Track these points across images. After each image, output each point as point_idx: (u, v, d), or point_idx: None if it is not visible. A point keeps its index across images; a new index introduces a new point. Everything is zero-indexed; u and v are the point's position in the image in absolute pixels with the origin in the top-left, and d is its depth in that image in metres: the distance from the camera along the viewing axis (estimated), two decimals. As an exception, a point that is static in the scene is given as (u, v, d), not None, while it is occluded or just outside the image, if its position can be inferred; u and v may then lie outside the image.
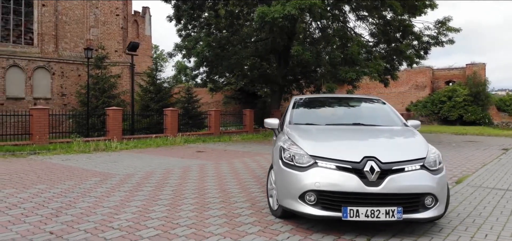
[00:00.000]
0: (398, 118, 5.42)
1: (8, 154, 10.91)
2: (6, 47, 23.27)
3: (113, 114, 14.80)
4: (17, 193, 6.25)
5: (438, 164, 4.29)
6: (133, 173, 8.38)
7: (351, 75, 16.32)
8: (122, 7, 27.56)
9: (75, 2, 26.18)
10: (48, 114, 13.37)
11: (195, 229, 4.44)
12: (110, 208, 5.36)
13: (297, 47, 16.00)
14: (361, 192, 3.96)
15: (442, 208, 4.22)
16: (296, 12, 14.35)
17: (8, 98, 23.25)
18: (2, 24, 23.23)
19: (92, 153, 11.94)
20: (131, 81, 19.06)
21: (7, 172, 8.33)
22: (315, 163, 4.18)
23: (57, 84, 25.58)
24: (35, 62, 24.45)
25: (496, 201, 5.92)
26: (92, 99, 23.08)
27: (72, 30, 26.23)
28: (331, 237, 4.18)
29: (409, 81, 38.36)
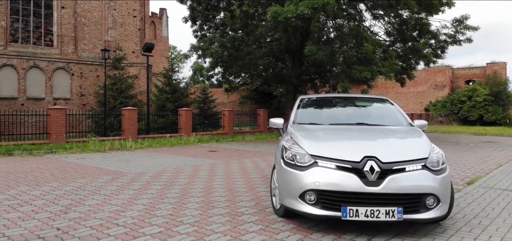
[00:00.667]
0: (404, 118, 5.37)
1: (26, 153, 11.23)
2: (26, 49, 23.91)
3: (129, 114, 15.04)
4: (30, 191, 6.44)
5: (441, 164, 4.24)
6: (144, 172, 8.52)
7: (366, 74, 16.18)
8: (139, 8, 27.97)
9: (94, 4, 26.69)
10: (65, 114, 13.69)
11: (197, 227, 4.51)
12: (117, 206, 5.48)
13: (310, 47, 15.95)
14: (360, 192, 3.95)
15: (445, 209, 4.18)
16: (309, 12, 14.32)
17: (28, 98, 23.89)
18: (22, 26, 23.87)
19: (107, 152, 12.18)
20: (147, 81, 19.32)
21: (23, 170, 8.59)
22: (315, 163, 4.19)
23: (76, 84, 26.14)
24: (54, 63, 25.03)
25: (506, 203, 5.81)
26: (110, 99, 23.54)
27: (91, 31, 26.75)
28: (331, 237, 4.18)
29: (428, 80, 37.77)
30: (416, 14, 18.51)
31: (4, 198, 5.90)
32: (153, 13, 32.54)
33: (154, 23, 32.44)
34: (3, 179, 7.45)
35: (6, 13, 22.76)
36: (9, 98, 23.06)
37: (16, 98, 23.45)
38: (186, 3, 21.13)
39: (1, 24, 22.50)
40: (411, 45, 19.35)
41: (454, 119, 34.88)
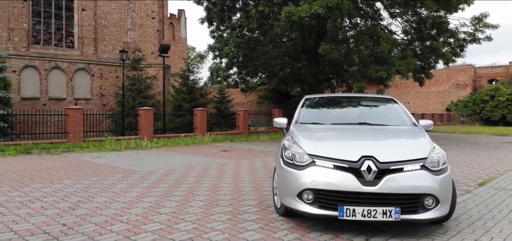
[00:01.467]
0: (408, 118, 5.32)
1: (44, 152, 11.56)
2: (48, 50, 24.58)
3: (145, 113, 15.30)
4: (42, 188, 6.65)
5: (441, 164, 4.19)
6: (155, 170, 8.67)
7: (382, 74, 16.00)
8: (158, 10, 28.37)
9: (113, 6, 27.22)
10: (82, 114, 14.03)
11: (198, 225, 4.58)
12: (124, 203, 5.60)
13: (324, 46, 15.88)
14: (357, 191, 3.94)
15: (444, 210, 4.12)
16: (323, 11, 14.26)
17: (50, 99, 24.55)
18: (44, 28, 24.55)
19: (123, 151, 12.43)
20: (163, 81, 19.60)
21: (39, 168, 8.86)
22: (313, 162, 4.20)
23: (96, 85, 26.72)
24: (75, 64, 25.66)
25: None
26: (129, 100, 24.00)
27: (111, 33, 27.29)
28: (329, 236, 4.18)
29: (449, 79, 37.03)
30: (434, 13, 18.20)
31: (17, 194, 6.11)
32: (171, 15, 32.94)
33: (173, 25, 32.84)
34: (19, 177, 7.71)
35: (28, 15, 23.46)
36: (31, 99, 23.76)
37: (39, 99, 24.13)
38: (203, 4, 21.35)
39: (23, 27, 23.20)
40: (430, 44, 19.02)
41: (476, 119, 34.08)
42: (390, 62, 16.19)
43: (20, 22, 23.09)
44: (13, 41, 22.85)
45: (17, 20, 22.91)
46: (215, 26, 22.58)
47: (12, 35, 22.78)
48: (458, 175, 8.39)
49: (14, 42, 22.87)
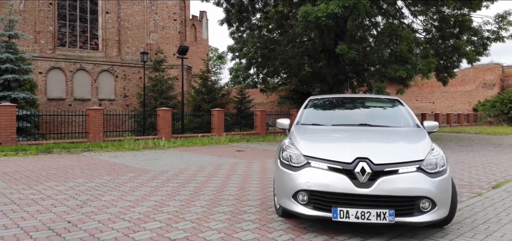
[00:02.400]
0: (411, 119, 5.24)
1: (64, 151, 11.95)
2: (73, 52, 25.31)
3: (163, 114, 15.58)
4: (56, 186, 6.89)
5: (440, 166, 4.11)
6: (167, 170, 8.83)
7: (401, 73, 15.73)
8: (180, 12, 28.78)
9: (136, 9, 27.77)
10: (103, 114, 14.41)
11: (196, 224, 4.66)
12: (130, 202, 5.75)
13: (342, 46, 15.74)
14: (351, 193, 3.92)
15: (442, 213, 4.05)
16: (340, 11, 14.15)
17: (75, 99, 25.27)
18: (69, 31, 25.29)
19: (140, 151, 12.70)
20: (181, 82, 19.89)
21: (56, 166, 9.17)
22: (308, 163, 4.20)
23: (120, 86, 27.33)
24: (100, 65, 26.32)
25: (526, 208, 5.51)
26: (151, 100, 24.45)
27: (134, 35, 27.85)
28: (323, 237, 4.18)
29: (476, 79, 35.99)
30: (457, 10, 17.76)
31: (31, 192, 6.36)
32: (193, 16, 33.33)
33: (195, 26, 33.22)
34: (36, 175, 8.01)
35: (54, 18, 24.22)
36: (57, 99, 24.52)
37: (64, 99, 24.88)
38: (222, 6, 21.56)
39: (49, 29, 23.96)
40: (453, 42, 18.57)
41: (504, 120, 32.98)
42: (410, 62, 15.89)
43: (46, 25, 23.87)
44: (40, 43, 23.64)
45: (43, 23, 23.69)
46: (235, 27, 22.76)
47: (38, 38, 23.57)
48: (474, 177, 8.19)
49: (40, 45, 23.65)
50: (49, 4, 23.95)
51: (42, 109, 21.08)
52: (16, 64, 14.61)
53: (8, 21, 15.07)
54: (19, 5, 22.77)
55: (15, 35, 15.26)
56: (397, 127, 5.00)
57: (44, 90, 24.05)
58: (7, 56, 14.31)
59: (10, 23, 15.06)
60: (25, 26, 23.06)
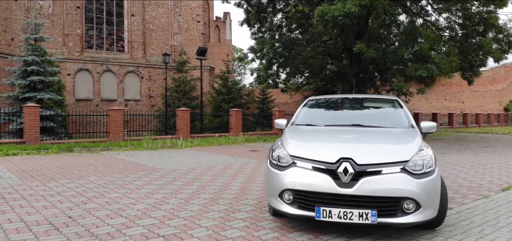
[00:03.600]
0: (407, 120, 5.18)
1: (84, 150, 12.39)
2: (100, 54, 26.14)
3: (182, 114, 15.88)
4: (67, 183, 7.20)
5: (426, 167, 4.06)
6: (177, 169, 9.03)
7: (421, 72, 15.40)
8: (203, 13, 29.19)
9: (161, 11, 28.38)
10: (123, 115, 14.83)
11: (188, 221, 4.79)
12: (133, 199, 5.95)
13: (360, 45, 15.58)
14: (333, 193, 3.95)
15: (428, 214, 4.00)
16: (356, 10, 14.01)
17: (102, 100, 26.08)
18: (96, 33, 26.12)
19: (158, 150, 13.00)
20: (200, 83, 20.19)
21: (73, 164, 9.54)
22: (293, 163, 4.25)
23: (145, 87, 28.01)
24: (125, 67, 27.05)
25: (529, 211, 5.35)
26: (175, 101, 24.97)
27: (158, 37, 28.47)
28: (308, 236, 4.23)
29: (508, 78, 34.71)
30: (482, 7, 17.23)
31: (42, 189, 6.67)
32: (217, 18, 33.68)
33: (218, 27, 33.56)
34: (52, 173, 8.37)
35: (81, 22, 25.08)
36: (85, 100, 25.38)
37: (92, 100, 25.73)
38: (243, 7, 21.73)
39: (77, 32, 24.83)
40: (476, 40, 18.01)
41: (538, 120, 31.66)
42: (431, 61, 15.54)
43: (74, 28, 24.75)
44: (68, 46, 24.54)
45: (71, 26, 24.58)
46: (256, 28, 22.88)
47: (67, 41, 24.47)
48: (486, 179, 7.97)
49: (68, 47, 24.55)
50: (76, 8, 24.83)
51: (70, 110, 21.94)
52: (41, 66, 15.25)
53: (34, 25, 15.73)
54: (48, 9, 23.71)
55: (41, 38, 15.93)
56: (389, 128, 4.96)
57: (72, 91, 24.96)
58: (33, 59, 14.97)
59: (36, 27, 15.72)
60: (54, 29, 24.00)
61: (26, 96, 14.72)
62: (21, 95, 14.88)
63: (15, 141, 12.42)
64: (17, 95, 15.07)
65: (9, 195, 6.18)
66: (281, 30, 22.72)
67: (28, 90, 15.03)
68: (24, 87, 15.10)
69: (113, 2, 26.80)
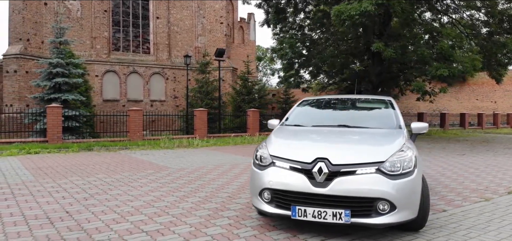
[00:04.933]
0: (395, 121, 5.12)
1: (103, 149, 12.84)
2: (127, 56, 26.90)
3: (199, 114, 16.16)
4: (76, 180, 7.52)
5: (404, 169, 4.02)
6: (185, 168, 9.23)
7: (443, 71, 15.02)
8: (226, 15, 29.51)
9: (185, 13, 28.90)
10: (142, 115, 15.25)
11: (176, 218, 4.94)
12: (131, 196, 6.16)
13: (377, 43, 15.37)
14: (308, 192, 3.99)
15: (404, 216, 3.97)
16: (373, 8, 13.85)
17: (129, 101, 26.82)
18: (123, 36, 26.90)
19: (174, 149, 13.29)
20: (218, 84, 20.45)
21: (87, 163, 9.93)
22: (272, 163, 4.33)
23: (170, 87, 28.61)
24: (151, 68, 27.73)
25: (526, 215, 5.19)
26: (198, 101, 25.39)
27: (183, 39, 29.01)
28: (287, 235, 4.28)
29: (543, 76, 33.09)
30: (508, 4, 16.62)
31: (51, 185, 7.01)
32: (241, 18, 33.99)
33: (243, 28, 33.85)
34: (65, 170, 8.76)
35: (108, 25, 25.90)
36: (112, 100, 26.20)
37: (119, 100, 26.52)
38: (264, 8, 21.87)
39: (105, 35, 25.66)
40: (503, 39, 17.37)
41: None
42: (452, 59, 15.14)
43: (102, 31, 25.58)
44: (96, 48, 25.40)
45: (99, 29, 25.42)
46: (279, 29, 22.96)
47: (94, 43, 25.34)
48: (496, 181, 7.72)
49: (96, 49, 25.41)
50: (104, 11, 25.66)
51: (98, 110, 22.72)
52: (66, 68, 15.90)
53: (59, 28, 16.42)
54: (77, 12, 24.63)
55: (65, 41, 16.60)
56: (374, 129, 4.93)
57: (100, 92, 25.83)
58: (58, 61, 15.64)
59: (60, 30, 16.41)
60: (82, 32, 24.92)
61: (51, 97, 15.41)
62: (46, 96, 15.60)
63: (38, 140, 13.05)
64: (43, 96, 15.80)
65: (19, 191, 6.54)
66: (303, 30, 22.71)
67: (53, 91, 15.72)
68: (50, 88, 15.81)
69: (139, 5, 27.52)
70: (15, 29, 21.74)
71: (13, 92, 21.40)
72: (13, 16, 21.71)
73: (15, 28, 21.73)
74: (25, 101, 21.49)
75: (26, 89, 21.33)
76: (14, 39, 21.80)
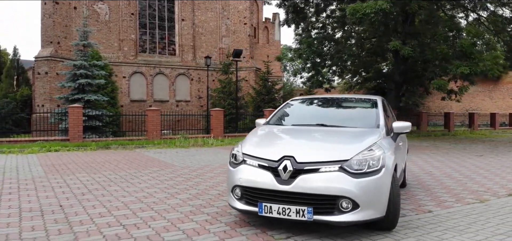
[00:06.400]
0: (374, 120, 5.08)
1: (120, 147, 13.31)
2: (153, 58, 27.62)
3: (216, 114, 16.42)
4: (82, 176, 7.88)
5: (370, 167, 4.00)
6: (190, 166, 9.46)
7: (463, 69, 14.60)
8: (249, 16, 29.73)
9: (210, 15, 29.34)
10: (159, 115, 15.67)
11: (157, 214, 5.11)
12: (126, 192, 6.40)
13: (394, 42, 15.11)
14: (273, 189, 4.07)
15: (369, 214, 3.96)
16: (388, 6, 13.65)
17: (155, 101, 27.53)
18: (149, 38, 27.63)
19: (188, 148, 13.59)
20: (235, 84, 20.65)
21: (100, 160, 10.34)
22: (244, 161, 4.43)
23: (194, 88, 29.15)
24: (176, 69, 28.35)
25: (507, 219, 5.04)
26: (221, 101, 25.77)
27: (207, 40, 29.47)
28: (256, 231, 4.36)
29: None
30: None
31: (56, 181, 7.39)
32: (266, 19, 34.08)
33: (267, 28, 33.92)
34: (76, 167, 9.18)
35: (135, 27, 26.69)
36: (139, 101, 26.97)
37: (145, 101, 27.27)
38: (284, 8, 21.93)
39: (132, 37, 26.45)
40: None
41: None
42: (473, 57, 14.66)
43: (129, 34, 26.39)
44: (123, 50, 26.23)
45: (126, 32, 26.24)
46: (301, 29, 22.95)
47: (122, 45, 26.18)
48: (501, 182, 7.46)
49: (124, 51, 26.24)
50: (131, 14, 26.47)
51: (125, 110, 23.51)
52: (89, 70, 16.57)
53: (83, 32, 17.13)
54: (105, 16, 25.53)
55: (88, 44, 17.28)
56: (350, 128, 4.92)
57: (127, 93, 26.67)
58: (81, 63, 16.33)
59: (84, 34, 17.11)
60: (110, 34, 25.80)
61: (75, 98, 16.11)
62: (71, 97, 16.32)
63: (60, 139, 13.69)
64: (68, 97, 16.54)
65: (26, 186, 6.94)
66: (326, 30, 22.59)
67: (77, 92, 16.43)
68: (74, 89, 16.53)
69: (165, 8, 28.19)
70: (46, 32, 22.82)
71: (44, 93, 22.47)
72: (45, 20, 22.79)
73: (46, 32, 22.80)
74: (55, 101, 22.49)
75: (56, 90, 22.32)
76: (46, 42, 22.89)
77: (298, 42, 21.28)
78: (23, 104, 26.05)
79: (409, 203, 5.80)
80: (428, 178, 8.12)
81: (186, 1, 28.39)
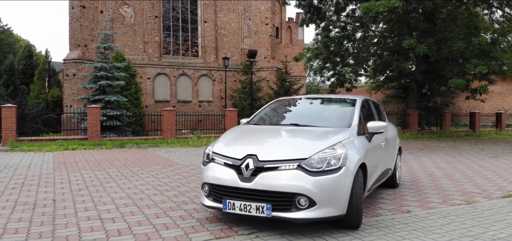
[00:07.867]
0: (348, 120, 5.08)
1: (134, 146, 13.76)
2: (176, 59, 28.21)
3: (229, 114, 16.66)
4: (86, 173, 8.26)
5: (329, 166, 4.06)
6: (192, 164, 9.70)
7: (481, 68, 14.16)
8: (271, 16, 29.83)
9: (232, 16, 29.64)
10: (175, 115, 16.06)
11: (138, 209, 5.33)
12: (119, 189, 6.68)
13: (408, 40, 14.83)
14: (235, 186, 4.20)
15: (326, 212, 4.01)
16: (400, 5, 13.45)
17: (178, 101, 28.10)
18: (173, 40, 28.25)
19: (200, 148, 13.88)
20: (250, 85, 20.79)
21: (109, 158, 10.76)
22: (212, 160, 4.60)
23: (217, 88, 29.53)
24: (199, 70, 28.82)
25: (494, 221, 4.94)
26: (242, 101, 26.06)
27: (229, 41, 29.78)
28: (221, 226, 4.50)
29: None
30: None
31: (61, 177, 7.80)
32: (289, 18, 34.07)
33: (290, 28, 33.90)
34: (85, 164, 9.61)
35: (159, 30, 27.34)
36: (163, 101, 27.60)
37: (169, 101, 27.87)
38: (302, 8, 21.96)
39: (156, 39, 27.13)
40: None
41: None
42: (493, 55, 14.20)
43: (153, 36, 27.08)
44: (148, 52, 26.95)
45: (150, 34, 26.95)
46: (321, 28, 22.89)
47: (146, 47, 26.89)
48: (501, 184, 7.26)
49: (148, 53, 26.95)
50: (155, 17, 27.15)
51: (150, 110, 24.15)
52: (109, 72, 17.20)
53: (104, 35, 17.79)
54: (130, 19, 26.31)
55: (109, 47, 17.93)
56: (320, 127, 4.95)
57: (152, 93, 27.37)
58: (102, 65, 16.98)
59: (105, 37, 17.76)
60: (135, 37, 26.56)
61: (96, 98, 16.77)
62: (92, 97, 16.99)
63: (79, 138, 14.32)
64: (89, 97, 17.23)
65: (31, 181, 7.37)
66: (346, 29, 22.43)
67: (98, 93, 17.09)
68: (95, 90, 17.21)
69: (188, 10, 28.72)
70: (74, 35, 23.80)
71: (72, 94, 23.44)
72: (72, 24, 23.77)
73: (74, 35, 23.78)
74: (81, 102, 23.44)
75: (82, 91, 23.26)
76: (73, 45, 23.87)
77: (315, 41, 21.22)
78: (55, 104, 27.22)
79: (391, 203, 5.78)
80: (427, 178, 8.01)
81: (208, 2, 28.83)
